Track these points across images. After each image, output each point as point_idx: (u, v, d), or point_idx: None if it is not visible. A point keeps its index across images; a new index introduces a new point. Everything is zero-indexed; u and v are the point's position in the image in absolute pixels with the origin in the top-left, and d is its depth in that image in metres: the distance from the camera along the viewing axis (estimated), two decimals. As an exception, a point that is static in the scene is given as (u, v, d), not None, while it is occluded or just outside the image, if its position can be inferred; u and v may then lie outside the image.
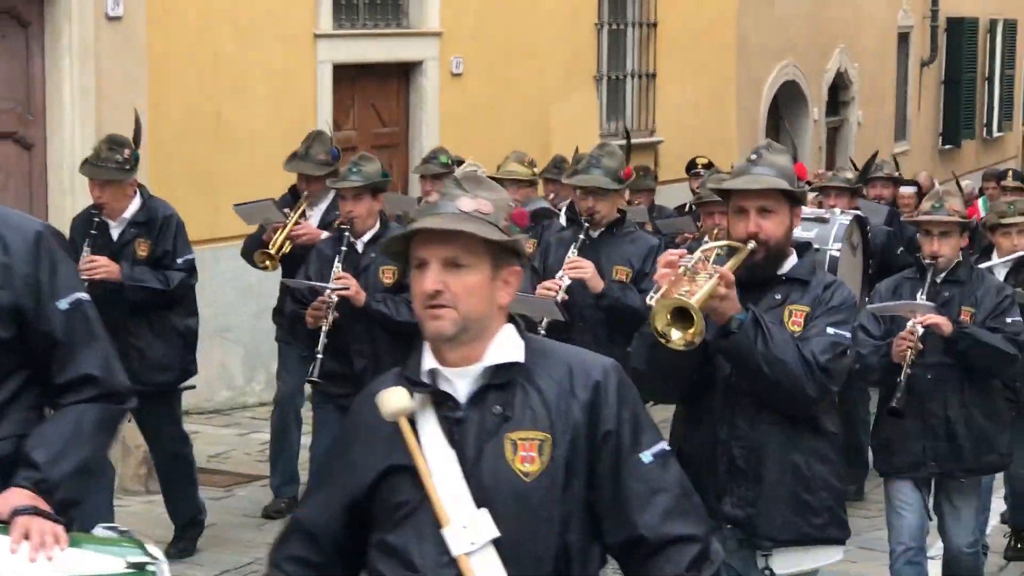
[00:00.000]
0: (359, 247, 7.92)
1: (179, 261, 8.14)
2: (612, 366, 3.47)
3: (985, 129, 29.10)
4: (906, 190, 13.79)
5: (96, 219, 8.06)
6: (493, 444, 3.31)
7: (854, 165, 13.33)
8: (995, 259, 8.60)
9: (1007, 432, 7.11)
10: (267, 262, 8.93)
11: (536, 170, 9.65)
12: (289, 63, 13.04)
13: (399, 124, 14.49)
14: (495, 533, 3.24)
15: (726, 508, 4.81)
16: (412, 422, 3.33)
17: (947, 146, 27.19)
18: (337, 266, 7.71)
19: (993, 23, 28.85)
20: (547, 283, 7.47)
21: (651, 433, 3.44)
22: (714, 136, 17.85)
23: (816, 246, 9.19)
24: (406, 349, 7.37)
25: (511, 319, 3.47)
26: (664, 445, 3.43)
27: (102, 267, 7.77)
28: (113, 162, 8.01)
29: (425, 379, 3.39)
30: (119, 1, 10.57)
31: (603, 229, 7.70)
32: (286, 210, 9.04)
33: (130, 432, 9.77)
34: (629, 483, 3.33)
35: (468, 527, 3.25)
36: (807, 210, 10.09)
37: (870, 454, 8.86)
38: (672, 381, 4.89)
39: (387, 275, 7.78)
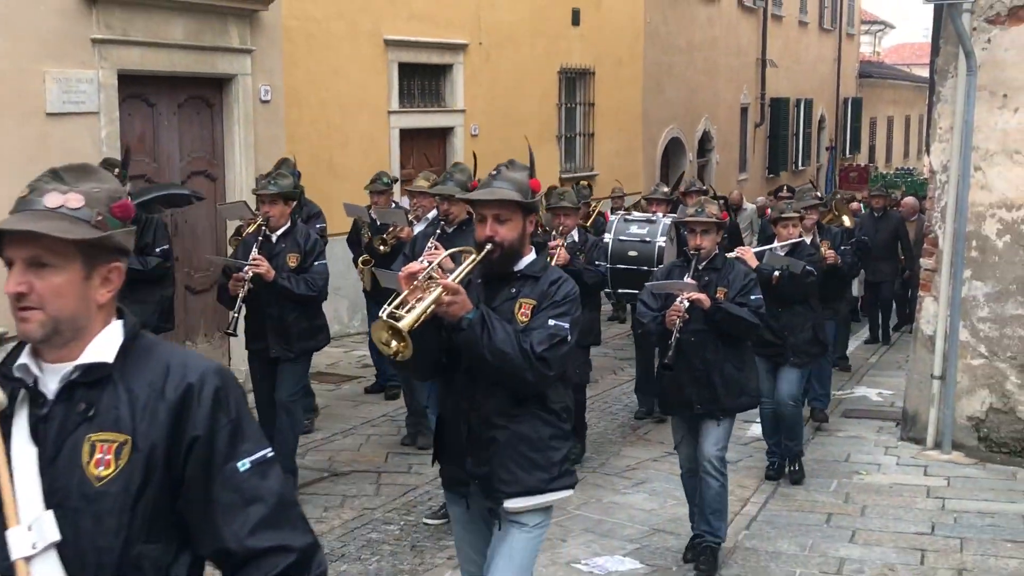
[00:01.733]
0: (273, 239, 6.90)
1: (157, 250, 7.36)
2: (214, 370, 2.28)
3: (794, 164, 29.08)
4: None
5: None
6: (71, 443, 2.18)
7: (667, 183, 12.15)
8: (776, 244, 7.88)
9: (756, 379, 6.32)
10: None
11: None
12: (373, 128, 13.18)
13: (440, 165, 14.05)
14: (56, 537, 2.14)
15: (469, 466, 3.99)
16: (8, 416, 2.22)
17: (771, 175, 27.20)
18: (254, 251, 6.75)
19: (799, 101, 29.06)
20: (410, 265, 6.63)
21: (253, 441, 2.27)
22: (628, 172, 18.10)
23: (648, 239, 8.98)
24: (307, 313, 6.88)
25: (121, 314, 2.33)
26: (266, 452, 2.28)
27: None
28: None
29: (18, 373, 2.25)
30: (268, 91, 10.42)
31: (455, 226, 6.94)
32: (256, 211, 7.65)
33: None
34: (219, 493, 2.20)
35: (33, 529, 2.14)
36: (641, 214, 9.91)
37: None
38: (423, 364, 3.95)
39: (292, 260, 6.83)
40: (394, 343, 3.62)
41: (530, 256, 4.09)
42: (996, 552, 6.37)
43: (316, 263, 6.98)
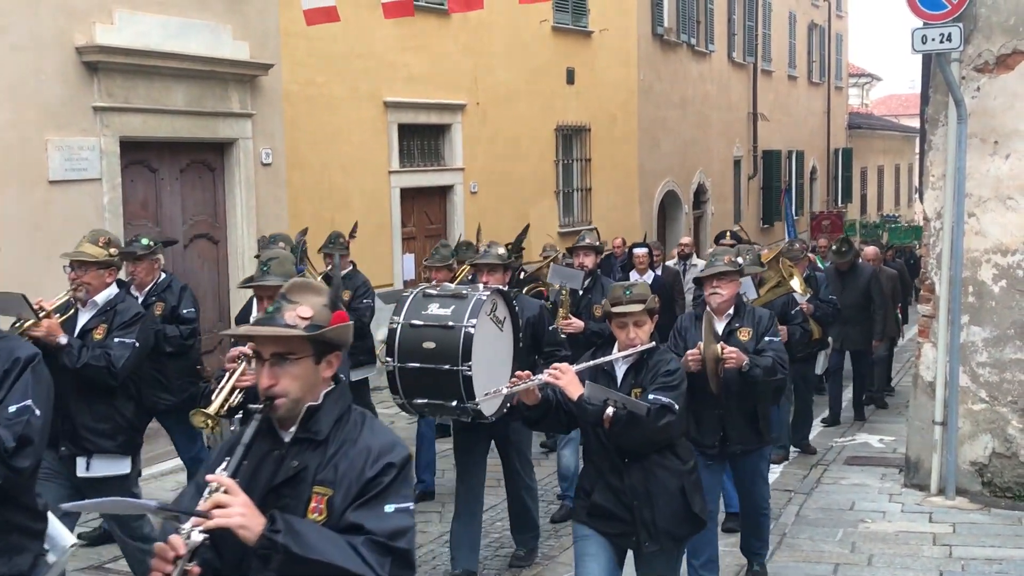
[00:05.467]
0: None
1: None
2: None
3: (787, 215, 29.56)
4: (639, 251, 11.01)
5: None
6: None
7: (518, 241, 9.78)
8: (616, 352, 4.67)
9: None
10: None
11: (113, 251, 5.51)
12: (375, 188, 13.16)
13: (440, 223, 14.56)
14: None
15: None
16: None
17: (765, 225, 27.30)
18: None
19: (790, 153, 29.21)
20: None
21: None
22: (625, 225, 18.04)
23: (451, 323, 5.77)
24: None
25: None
26: None
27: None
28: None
29: None
30: (269, 154, 10.38)
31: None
32: None
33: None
34: None
35: None
36: (451, 287, 6.33)
37: None
38: None
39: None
40: None
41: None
42: (1006, 601, 6.17)
43: None
